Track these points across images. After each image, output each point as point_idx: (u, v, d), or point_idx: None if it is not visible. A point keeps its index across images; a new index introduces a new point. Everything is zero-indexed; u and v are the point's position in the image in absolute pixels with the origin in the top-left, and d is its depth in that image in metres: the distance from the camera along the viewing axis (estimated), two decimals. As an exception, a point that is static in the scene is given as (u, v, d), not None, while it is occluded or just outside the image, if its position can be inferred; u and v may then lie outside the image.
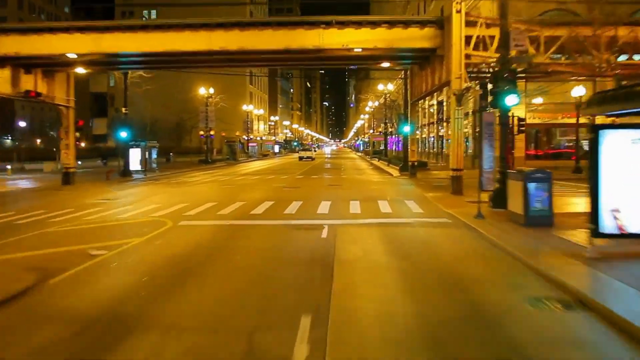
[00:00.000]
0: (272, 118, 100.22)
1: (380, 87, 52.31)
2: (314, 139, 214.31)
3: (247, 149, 74.80)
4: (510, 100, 14.31)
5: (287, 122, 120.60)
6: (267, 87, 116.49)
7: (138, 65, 30.15)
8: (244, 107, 74.38)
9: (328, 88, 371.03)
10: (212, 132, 54.50)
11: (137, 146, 38.90)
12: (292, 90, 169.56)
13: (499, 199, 14.20)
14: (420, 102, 40.07)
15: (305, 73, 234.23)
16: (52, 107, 40.19)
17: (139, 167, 38.42)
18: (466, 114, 40.24)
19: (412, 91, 29.78)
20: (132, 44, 22.06)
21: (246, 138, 74.38)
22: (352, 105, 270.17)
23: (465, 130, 45.28)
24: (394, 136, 56.00)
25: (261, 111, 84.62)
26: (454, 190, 19.19)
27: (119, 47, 22.16)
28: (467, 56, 19.68)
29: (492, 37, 19.64)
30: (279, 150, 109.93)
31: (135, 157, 38.79)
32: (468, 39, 19.74)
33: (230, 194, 21.52)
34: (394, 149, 54.58)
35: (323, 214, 15.18)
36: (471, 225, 12.81)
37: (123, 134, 34.91)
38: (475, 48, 20.05)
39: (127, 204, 18.23)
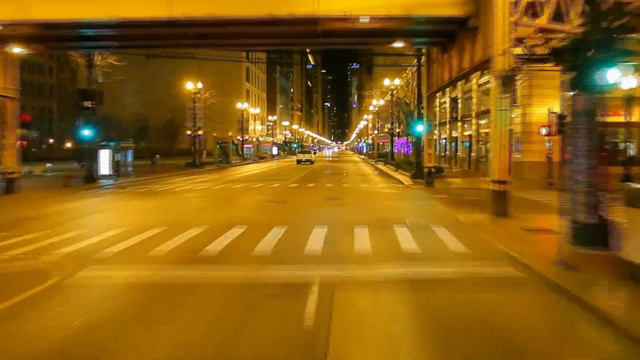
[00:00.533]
0: (270, 118, 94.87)
1: (387, 82, 46.96)
2: (316, 140, 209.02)
3: (242, 151, 69.52)
4: (612, 75, 8.96)
5: (286, 123, 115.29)
6: (265, 85, 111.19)
7: (86, 44, 24.74)
8: (239, 105, 69.11)
9: (330, 88, 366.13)
10: (200, 132, 49.21)
11: (107, 147, 33.63)
12: (292, 90, 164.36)
13: (595, 234, 8.85)
14: (437, 95, 34.57)
15: (307, 73, 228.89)
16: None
17: (108, 172, 33.17)
18: (481, 113, 35.26)
19: (430, 81, 24.46)
20: (68, 9, 16.74)
21: (241, 139, 69.08)
22: (354, 105, 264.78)
23: (468, 133, 40.13)
24: (401, 137, 50.60)
25: (257, 110, 79.39)
26: (498, 210, 13.82)
27: (53, 13, 16.83)
28: (513, 27, 14.29)
29: (543, 3, 14.30)
30: (278, 152, 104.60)
31: (105, 160, 33.55)
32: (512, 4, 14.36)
33: (195, 211, 16.22)
34: (402, 151, 49.18)
35: (313, 255, 9.79)
36: (563, 286, 7.45)
37: (86, 132, 29.62)
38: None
39: (44, 228, 12.87)
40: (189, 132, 49.53)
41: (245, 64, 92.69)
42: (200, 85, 49.87)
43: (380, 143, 64.24)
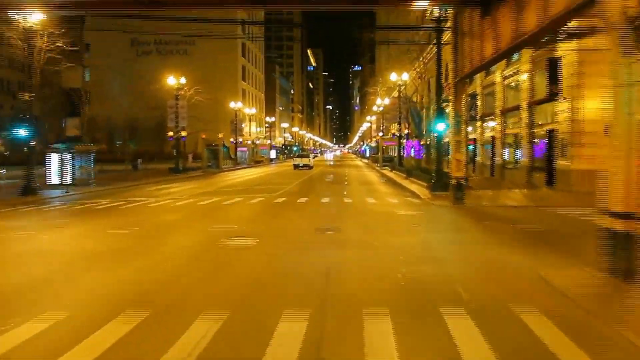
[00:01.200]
0: (267, 119, 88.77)
1: (393, 77, 40.67)
2: (317, 143, 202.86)
3: (235, 155, 63.37)
4: None
5: (285, 125, 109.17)
6: (264, 85, 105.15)
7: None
8: (232, 105, 62.98)
9: (332, 91, 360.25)
10: (183, 133, 43.05)
11: (56, 151, 27.50)
12: (292, 91, 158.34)
13: None
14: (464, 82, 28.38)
15: (308, 75, 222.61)
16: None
17: (58, 181, 27.06)
18: (508, 110, 28.80)
19: (458, 64, 18.22)
20: None
21: (233, 141, 62.93)
22: (356, 107, 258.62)
23: (491, 134, 33.97)
24: (411, 139, 44.33)
25: (253, 110, 73.23)
26: (615, 267, 7.54)
27: None
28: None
29: None
30: (276, 156, 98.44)
31: (54, 167, 27.44)
32: None
33: (79, 267, 9.76)
34: (411, 155, 42.90)
35: None
36: None
37: (22, 132, 23.39)
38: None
39: None
40: (170, 134, 43.39)
41: (242, 62, 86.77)
42: (183, 80, 43.73)
43: (386, 146, 58.03)
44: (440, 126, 21.24)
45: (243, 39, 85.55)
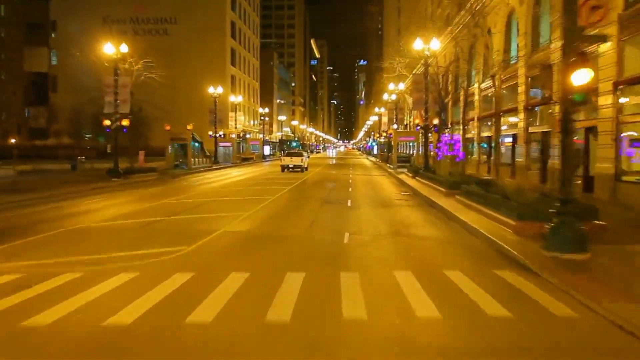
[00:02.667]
0: (261, 110, 75.77)
1: (418, 45, 27.47)
2: (320, 139, 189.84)
3: (215, 151, 50.60)
4: None
5: (283, 118, 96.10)
6: (259, 74, 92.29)
7: None
8: (211, 90, 50.22)
9: (336, 86, 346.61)
10: (125, 123, 30.32)
11: None
12: (294, 84, 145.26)
13: None
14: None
15: (311, 68, 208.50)
16: None
17: None
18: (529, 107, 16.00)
19: None
20: None
21: (213, 135, 50.16)
22: (362, 102, 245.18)
23: (511, 132, 20.55)
24: (446, 134, 31.38)
25: (240, 98, 60.21)
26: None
27: None
28: None
29: None
30: (271, 152, 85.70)
31: None
32: None
33: None
34: (443, 153, 29.88)
35: None
36: None
37: None
38: None
39: None
40: (107, 123, 30.65)
41: (231, 43, 73.79)
42: (124, 48, 30.93)
43: (403, 142, 45.23)
44: (581, 77, 8.59)
45: (235, 44, 72.99)
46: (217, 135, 50.44)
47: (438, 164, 28.29)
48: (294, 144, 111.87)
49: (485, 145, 29.74)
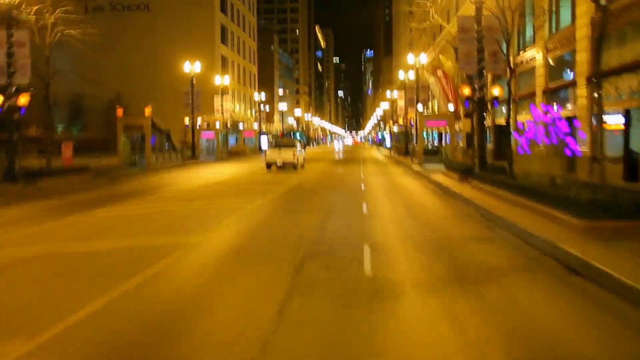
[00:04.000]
0: (257, 97, 64.67)
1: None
2: (328, 130, 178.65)
3: (193, 144, 39.89)
4: None
5: (283, 106, 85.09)
6: (256, 57, 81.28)
7: None
8: (186, 68, 39.48)
9: (343, 78, 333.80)
10: (22, 100, 19.75)
11: None
12: (298, 72, 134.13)
13: None
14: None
15: (317, 60, 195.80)
16: None
17: None
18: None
19: None
20: None
21: (188, 124, 39.51)
22: (369, 91, 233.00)
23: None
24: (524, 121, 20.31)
25: (226, 79, 48.80)
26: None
27: None
28: None
29: None
30: (273, 144, 75.02)
31: None
32: None
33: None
34: (519, 144, 18.68)
35: None
36: None
37: None
38: None
39: None
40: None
41: (221, 19, 62.99)
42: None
43: (430, 130, 34.38)
44: None
45: (227, 20, 61.79)
46: (198, 124, 39.70)
47: (524, 162, 17.33)
48: (297, 135, 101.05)
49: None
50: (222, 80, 47.03)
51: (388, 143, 76.53)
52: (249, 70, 75.68)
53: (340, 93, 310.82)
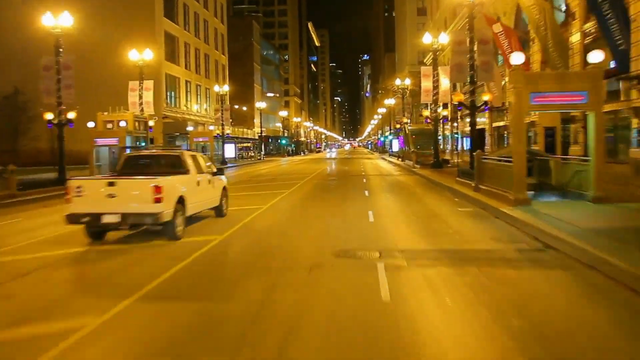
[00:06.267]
0: (217, 89, 46.11)
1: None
2: (323, 136, 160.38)
3: (60, 155, 21.46)
4: None
5: (261, 105, 66.58)
6: (226, 45, 62.90)
7: None
8: (47, 21, 21.00)
9: (340, 83, 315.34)
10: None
11: None
12: (287, 71, 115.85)
13: None
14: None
15: (312, 63, 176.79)
16: None
17: None
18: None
19: None
20: None
21: (52, 124, 21.18)
22: (367, 94, 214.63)
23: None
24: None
25: (147, 55, 30.08)
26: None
27: None
28: None
29: None
30: (238, 154, 56.80)
31: None
32: None
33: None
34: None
35: None
36: None
37: None
38: None
39: None
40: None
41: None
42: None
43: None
44: None
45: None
46: (64, 122, 21.16)
47: None
48: (283, 141, 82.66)
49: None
50: (140, 55, 28.61)
51: (395, 147, 58.20)
52: (213, 57, 57.34)
53: (337, 98, 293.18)
